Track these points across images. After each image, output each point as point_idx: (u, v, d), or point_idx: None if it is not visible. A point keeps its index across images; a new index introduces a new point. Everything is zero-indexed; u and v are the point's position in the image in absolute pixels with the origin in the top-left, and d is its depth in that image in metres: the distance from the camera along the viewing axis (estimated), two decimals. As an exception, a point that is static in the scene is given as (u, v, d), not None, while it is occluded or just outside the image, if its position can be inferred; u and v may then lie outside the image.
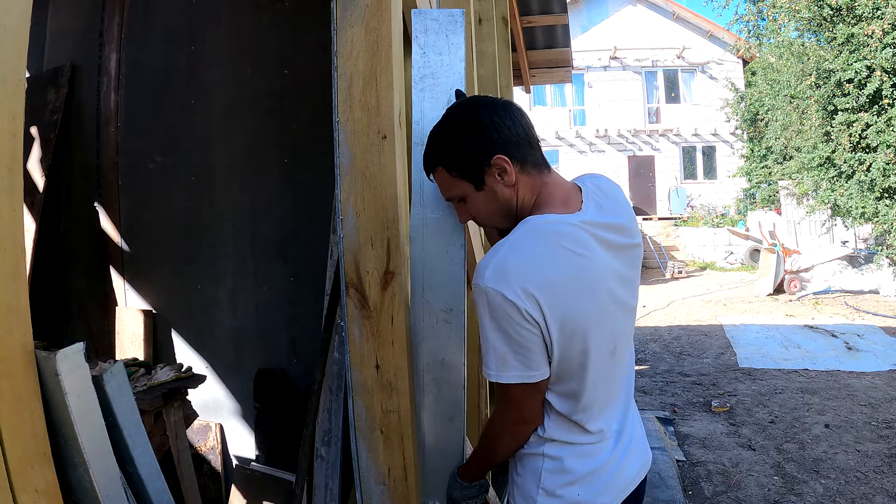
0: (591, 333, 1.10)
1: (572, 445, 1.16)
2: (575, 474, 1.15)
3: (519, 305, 1.03)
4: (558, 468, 1.16)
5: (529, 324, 1.04)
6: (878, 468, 3.73)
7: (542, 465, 1.16)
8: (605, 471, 1.17)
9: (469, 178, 1.14)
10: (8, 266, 0.84)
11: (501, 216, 1.18)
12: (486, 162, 1.11)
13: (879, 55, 8.93)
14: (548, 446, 1.16)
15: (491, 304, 1.05)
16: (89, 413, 1.06)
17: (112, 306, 3.27)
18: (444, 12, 1.36)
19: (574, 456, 1.16)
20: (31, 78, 3.39)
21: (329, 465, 2.17)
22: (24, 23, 0.86)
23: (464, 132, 1.13)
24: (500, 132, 1.11)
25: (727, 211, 18.36)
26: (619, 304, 1.16)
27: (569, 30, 5.21)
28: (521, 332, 1.05)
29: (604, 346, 1.13)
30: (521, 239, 1.08)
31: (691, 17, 19.61)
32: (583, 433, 1.16)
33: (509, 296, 1.03)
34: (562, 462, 1.15)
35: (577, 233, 1.09)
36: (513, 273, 1.04)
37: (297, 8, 2.91)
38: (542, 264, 1.06)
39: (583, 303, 1.08)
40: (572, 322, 1.07)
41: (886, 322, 8.25)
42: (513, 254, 1.06)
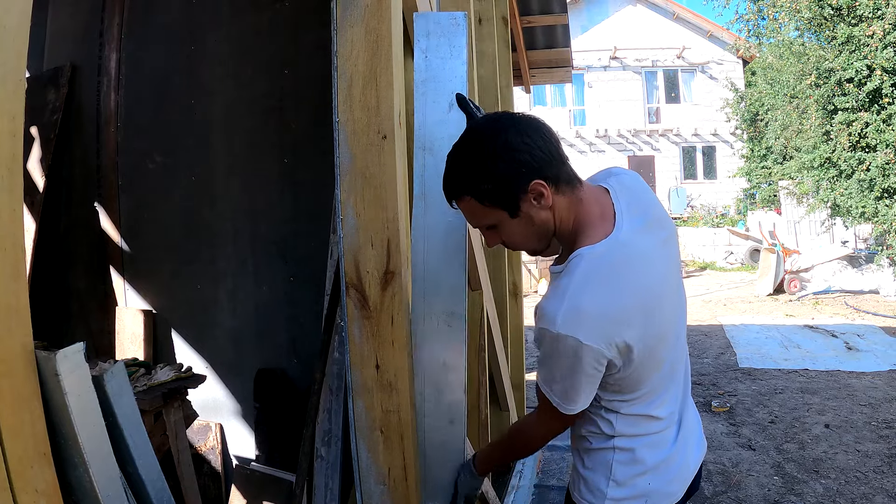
0: (664, 342, 1.15)
1: (642, 437, 1.18)
2: (646, 464, 1.17)
3: (594, 349, 1.04)
4: (630, 459, 1.18)
5: (599, 365, 1.07)
6: (878, 468, 3.73)
7: (612, 458, 1.18)
8: (673, 459, 1.20)
9: (504, 206, 1.07)
10: (8, 266, 0.84)
11: (538, 239, 1.14)
12: (523, 189, 1.05)
13: (880, 55, 8.93)
14: (618, 440, 1.18)
15: (564, 348, 1.04)
16: (89, 413, 1.06)
17: (112, 306, 3.27)
18: (446, 15, 1.36)
19: (645, 447, 1.18)
20: (31, 78, 3.39)
21: (329, 465, 2.17)
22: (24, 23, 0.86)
23: (495, 160, 1.04)
24: (534, 154, 1.04)
25: (727, 211, 18.36)
26: (676, 295, 1.20)
27: (569, 30, 5.20)
28: (589, 372, 1.07)
29: (671, 343, 1.17)
30: (585, 279, 1.05)
31: (691, 17, 19.61)
32: (651, 421, 1.18)
33: (584, 340, 1.03)
34: (633, 453, 1.18)
35: (629, 252, 1.09)
36: (586, 315, 1.03)
37: (297, 8, 2.91)
38: (613, 298, 1.05)
39: (656, 323, 1.11)
40: (649, 345, 1.10)
41: (886, 322, 8.25)
42: (583, 296, 1.04)
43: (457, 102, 1.33)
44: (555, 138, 1.10)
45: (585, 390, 1.11)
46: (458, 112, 1.34)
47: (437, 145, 1.34)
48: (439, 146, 1.33)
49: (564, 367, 1.07)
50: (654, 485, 1.17)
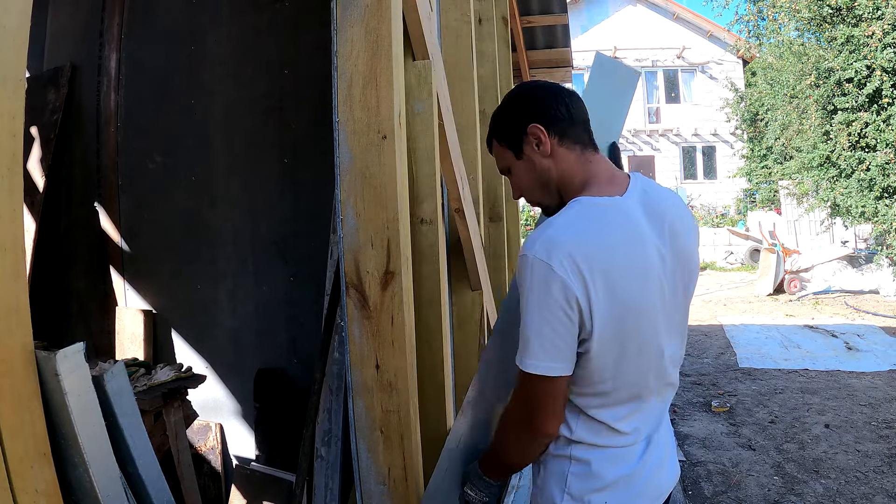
0: (639, 322, 1.05)
1: (602, 448, 1.10)
2: (604, 479, 1.09)
3: (565, 281, 0.98)
4: (586, 472, 1.09)
5: (569, 307, 0.99)
6: (878, 468, 3.73)
7: (568, 469, 1.11)
8: (635, 478, 1.11)
9: (510, 146, 1.18)
10: (8, 266, 0.84)
11: (540, 188, 1.18)
12: (523, 130, 1.15)
13: (879, 55, 8.94)
14: (575, 448, 1.10)
15: (535, 277, 1.00)
16: (89, 413, 1.06)
17: (112, 306, 3.27)
18: (627, 68, 1.49)
19: (603, 459, 1.10)
20: (31, 78, 3.39)
21: (329, 466, 2.17)
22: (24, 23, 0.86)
23: (510, 105, 1.20)
24: (542, 106, 1.15)
25: (727, 211, 18.36)
26: (670, 301, 1.11)
27: (569, 30, 5.21)
28: (557, 314, 0.99)
29: (650, 343, 1.09)
30: (573, 217, 1.06)
31: (691, 17, 19.61)
32: (614, 434, 1.10)
33: (556, 268, 0.98)
34: (589, 466, 1.09)
35: (630, 214, 1.07)
36: (563, 245, 1.00)
37: (297, 8, 2.91)
38: (594, 240, 1.02)
39: (635, 286, 1.04)
40: (620, 305, 1.02)
41: (886, 322, 8.25)
42: (565, 229, 1.03)
43: (608, 151, 1.42)
44: (572, 103, 1.16)
45: (560, 339, 1.01)
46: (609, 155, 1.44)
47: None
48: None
49: (536, 305, 1.00)
50: (611, 503, 1.09)
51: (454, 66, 2.31)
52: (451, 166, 1.96)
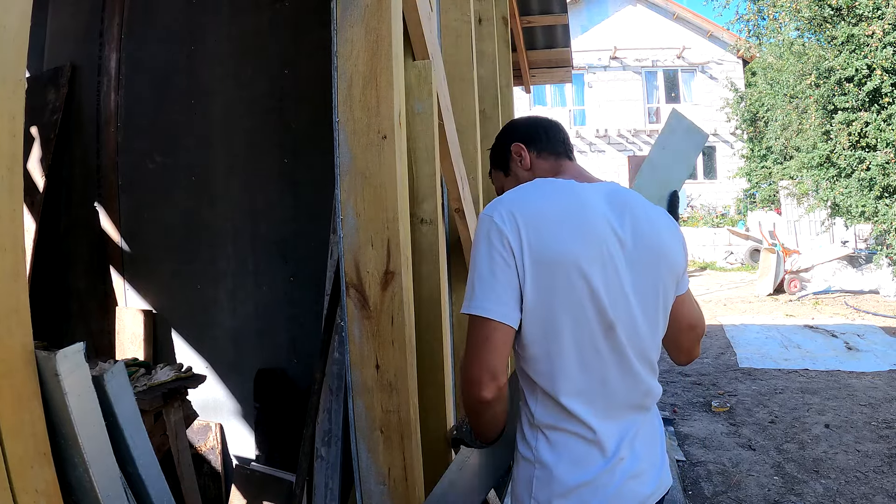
0: (574, 281, 1.06)
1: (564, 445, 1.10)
2: (566, 485, 1.09)
3: (501, 228, 1.07)
4: (549, 477, 1.10)
5: (504, 250, 1.06)
6: (878, 468, 3.73)
7: (534, 474, 1.12)
8: (599, 484, 1.09)
9: (500, 166, 1.37)
10: (8, 266, 0.84)
11: None
12: (507, 149, 1.34)
13: (880, 55, 8.93)
14: (541, 448, 1.11)
15: (480, 228, 1.11)
16: (89, 413, 1.06)
17: (112, 306, 3.27)
18: (697, 129, 1.61)
19: (564, 463, 1.10)
20: (31, 78, 3.39)
21: (329, 466, 2.17)
22: (25, 22, 0.86)
23: (499, 135, 1.40)
24: (522, 130, 1.35)
25: (727, 211, 18.35)
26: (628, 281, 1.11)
27: (569, 30, 5.21)
28: (496, 259, 1.06)
29: (593, 314, 1.07)
30: (525, 186, 1.18)
31: (691, 16, 19.61)
32: (572, 419, 1.10)
33: (496, 219, 1.08)
34: (552, 471, 1.10)
35: (580, 191, 1.15)
36: (505, 203, 1.11)
37: (297, 8, 2.91)
38: (534, 200, 1.12)
39: (570, 239, 1.07)
40: (552, 254, 1.05)
41: (886, 322, 8.25)
42: (513, 193, 1.16)
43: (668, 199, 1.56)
44: (547, 124, 1.36)
45: (499, 284, 1.05)
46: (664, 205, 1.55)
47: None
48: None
49: (478, 253, 1.09)
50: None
51: (454, 66, 2.31)
52: (451, 166, 1.96)
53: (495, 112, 3.05)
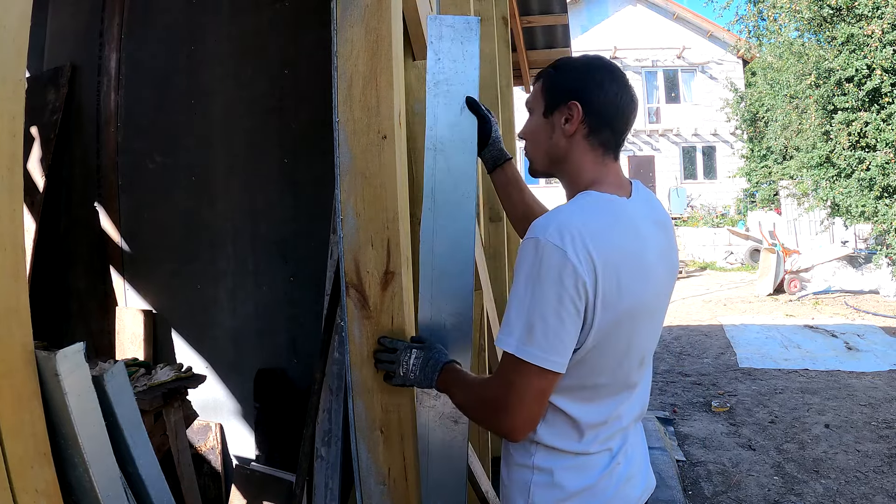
0: (633, 324, 1.03)
1: (563, 455, 1.07)
2: (566, 490, 1.06)
3: (577, 269, 0.94)
4: (548, 482, 1.07)
5: (578, 297, 0.95)
6: (878, 468, 3.73)
7: (531, 479, 1.08)
8: (598, 490, 1.08)
9: (546, 99, 1.17)
10: (8, 266, 0.84)
11: (544, 154, 1.19)
12: (564, 100, 1.14)
13: (879, 54, 8.94)
14: (538, 456, 1.08)
15: (544, 261, 0.95)
16: (89, 413, 1.06)
17: (112, 306, 3.27)
18: (460, 19, 1.38)
19: (565, 469, 1.07)
20: (31, 78, 3.39)
21: (329, 465, 2.17)
22: (25, 22, 0.86)
23: (578, 68, 1.17)
24: (598, 95, 1.12)
25: (727, 211, 18.36)
26: (658, 310, 1.11)
27: (569, 30, 5.21)
28: (566, 305, 0.95)
29: (637, 350, 1.07)
30: (585, 205, 1.05)
31: (691, 17, 19.62)
32: (577, 441, 1.07)
33: (570, 255, 0.94)
34: (552, 476, 1.07)
35: (634, 218, 1.07)
36: (578, 232, 0.96)
37: (297, 8, 2.91)
38: (607, 233, 1.00)
39: (638, 287, 1.02)
40: (623, 304, 0.99)
41: (886, 322, 8.25)
42: (578, 215, 1.01)
43: (468, 106, 1.35)
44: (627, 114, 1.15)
45: (566, 333, 0.95)
46: (469, 115, 1.36)
47: (448, 147, 1.34)
48: (451, 148, 1.34)
49: (544, 292, 0.95)
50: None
51: (454, 66, 2.31)
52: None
53: (495, 112, 3.05)
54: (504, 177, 1.48)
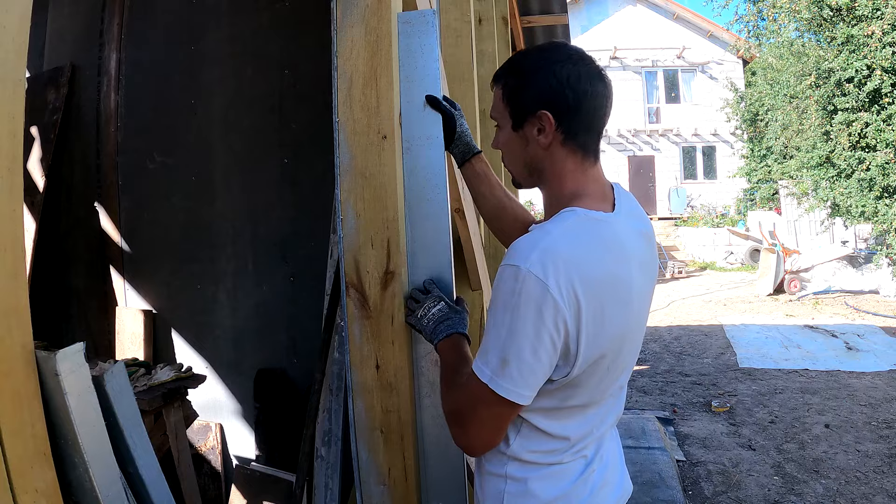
0: (618, 349, 1.01)
1: (537, 466, 1.04)
2: (540, 499, 1.03)
3: (559, 304, 0.90)
4: (522, 491, 1.04)
5: (556, 334, 0.91)
6: (878, 468, 3.73)
7: (504, 488, 1.05)
8: (573, 496, 1.04)
9: (512, 113, 1.08)
10: (8, 266, 0.84)
11: (523, 166, 1.11)
12: (532, 109, 1.04)
13: (879, 55, 8.94)
14: (511, 466, 1.05)
15: (524, 292, 0.90)
16: (89, 413, 1.06)
17: (112, 306, 3.27)
18: (416, 14, 1.35)
19: (539, 479, 1.04)
20: (31, 78, 3.39)
21: (329, 466, 2.17)
22: (25, 22, 0.86)
23: (535, 73, 1.04)
24: (565, 92, 1.01)
25: (727, 211, 18.36)
26: (641, 328, 1.09)
27: (569, 30, 5.21)
28: (544, 341, 0.91)
29: (618, 369, 1.05)
30: (570, 229, 0.97)
31: (691, 17, 19.61)
32: (552, 454, 1.04)
33: (552, 289, 0.89)
34: (525, 484, 1.04)
35: (619, 237, 1.01)
36: (562, 264, 0.91)
37: (297, 8, 2.91)
38: (593, 263, 0.95)
39: (622, 316, 0.99)
40: (606, 337, 0.97)
41: (886, 322, 8.25)
42: (563, 242, 0.94)
43: (429, 104, 1.32)
44: (602, 104, 1.06)
45: (540, 369, 0.93)
46: (431, 111, 1.34)
47: (413, 144, 1.33)
48: (417, 146, 1.33)
49: (523, 326, 0.91)
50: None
51: (454, 66, 2.31)
52: (451, 166, 1.96)
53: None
54: (472, 171, 1.44)
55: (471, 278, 2.37)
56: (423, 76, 1.33)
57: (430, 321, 1.18)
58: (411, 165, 1.32)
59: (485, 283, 2.44)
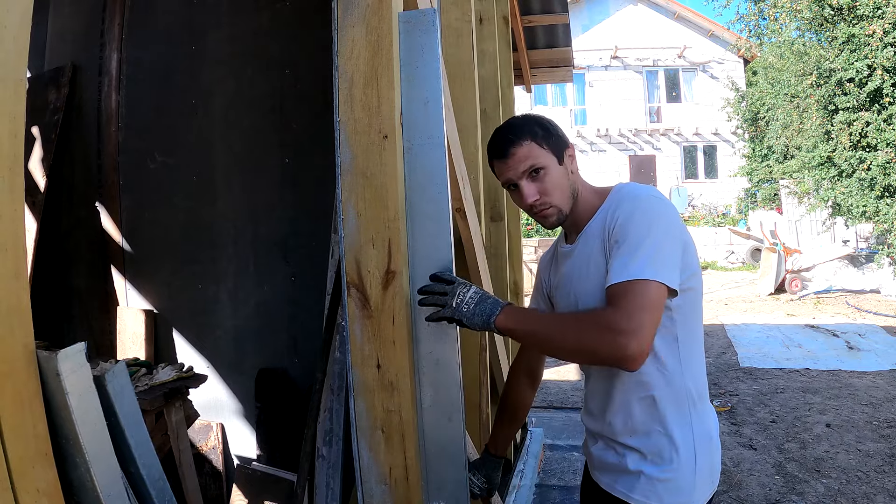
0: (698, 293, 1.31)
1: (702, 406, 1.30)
2: (713, 437, 1.31)
3: (676, 214, 1.23)
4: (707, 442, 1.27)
5: (680, 240, 1.21)
6: (880, 468, 3.72)
7: (693, 436, 1.25)
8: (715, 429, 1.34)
9: (555, 152, 1.30)
10: (9, 266, 0.84)
11: (567, 195, 1.32)
12: (567, 145, 1.34)
13: (880, 54, 8.92)
14: (694, 417, 1.26)
15: (653, 209, 1.19)
16: (91, 413, 1.06)
17: (113, 306, 3.27)
18: (415, 13, 1.35)
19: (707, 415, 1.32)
20: (32, 78, 3.40)
21: (330, 465, 2.17)
22: (26, 22, 0.86)
23: (553, 123, 1.36)
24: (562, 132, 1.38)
25: (728, 210, 18.35)
26: None
27: (570, 29, 5.20)
28: (676, 244, 1.19)
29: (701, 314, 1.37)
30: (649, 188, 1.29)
31: (692, 16, 19.60)
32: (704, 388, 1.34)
33: (672, 206, 1.24)
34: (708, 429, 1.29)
35: None
36: (664, 199, 1.26)
37: (298, 8, 2.91)
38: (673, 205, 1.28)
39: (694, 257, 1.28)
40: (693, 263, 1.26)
41: (887, 321, 8.24)
42: (656, 192, 1.27)
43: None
44: None
45: (674, 258, 1.18)
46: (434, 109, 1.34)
47: (414, 144, 1.33)
48: (418, 145, 1.33)
49: (655, 230, 1.16)
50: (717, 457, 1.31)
51: (455, 65, 2.31)
52: (452, 166, 1.96)
53: (496, 112, 3.05)
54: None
55: (471, 278, 2.37)
56: (424, 76, 1.33)
57: (470, 305, 1.20)
58: (412, 165, 1.32)
59: (485, 283, 2.44)
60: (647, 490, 1.21)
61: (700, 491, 1.23)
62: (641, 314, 1.09)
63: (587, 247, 1.29)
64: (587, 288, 1.27)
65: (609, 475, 1.30)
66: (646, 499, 1.21)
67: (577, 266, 1.32)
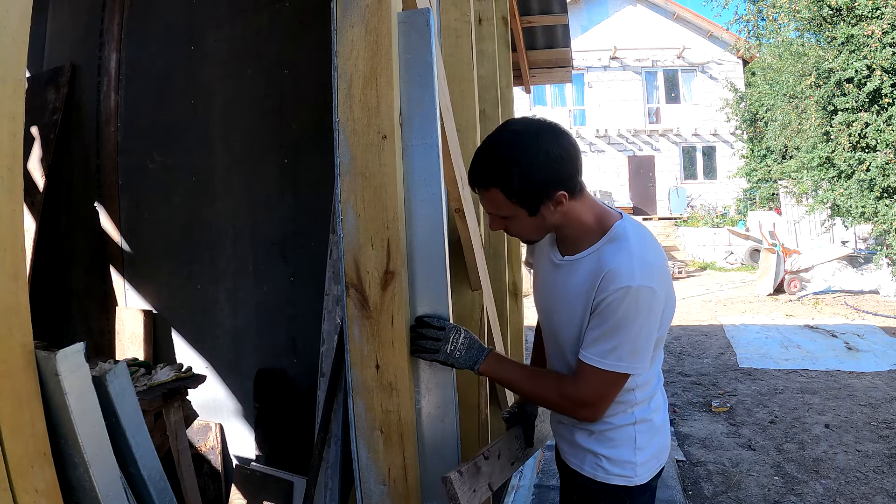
0: None
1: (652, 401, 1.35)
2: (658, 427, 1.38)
3: (659, 295, 1.19)
4: (649, 428, 1.34)
5: (660, 314, 1.21)
6: (878, 468, 3.73)
7: (635, 430, 1.33)
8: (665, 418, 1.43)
9: (526, 206, 1.22)
10: (8, 266, 0.84)
11: (540, 233, 1.32)
12: (548, 195, 1.20)
13: (879, 55, 8.93)
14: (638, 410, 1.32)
15: (640, 301, 1.16)
16: (89, 413, 1.06)
17: (112, 306, 3.27)
18: (413, 13, 1.34)
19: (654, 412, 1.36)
20: (31, 77, 3.39)
21: (329, 466, 2.16)
22: (25, 22, 0.86)
23: (532, 166, 1.17)
24: (564, 166, 1.19)
25: (727, 211, 18.36)
26: None
27: (569, 30, 5.20)
28: (653, 325, 1.21)
29: None
30: (640, 239, 1.24)
31: (691, 17, 19.61)
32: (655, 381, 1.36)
33: (657, 289, 1.18)
34: (651, 423, 1.35)
35: None
36: (654, 266, 1.20)
37: (297, 8, 2.91)
38: (660, 254, 1.26)
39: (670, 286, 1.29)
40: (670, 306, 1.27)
41: (886, 322, 8.25)
42: (647, 251, 1.22)
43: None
44: (578, 153, 1.24)
45: (648, 346, 1.22)
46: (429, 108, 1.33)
47: (409, 145, 1.32)
48: (412, 146, 1.32)
49: (638, 323, 1.17)
50: (662, 440, 1.39)
51: (454, 66, 2.31)
52: (451, 166, 1.96)
53: (496, 112, 3.05)
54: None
55: (471, 278, 2.37)
56: (419, 76, 1.33)
57: (461, 351, 1.29)
58: (409, 166, 1.32)
59: (484, 283, 2.44)
60: (594, 464, 1.36)
61: (644, 467, 1.35)
62: (603, 395, 1.25)
63: (573, 283, 1.27)
64: (567, 327, 1.30)
65: (565, 444, 1.44)
66: (594, 471, 1.35)
67: (561, 293, 1.31)
